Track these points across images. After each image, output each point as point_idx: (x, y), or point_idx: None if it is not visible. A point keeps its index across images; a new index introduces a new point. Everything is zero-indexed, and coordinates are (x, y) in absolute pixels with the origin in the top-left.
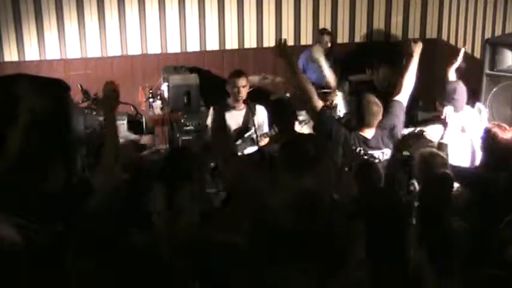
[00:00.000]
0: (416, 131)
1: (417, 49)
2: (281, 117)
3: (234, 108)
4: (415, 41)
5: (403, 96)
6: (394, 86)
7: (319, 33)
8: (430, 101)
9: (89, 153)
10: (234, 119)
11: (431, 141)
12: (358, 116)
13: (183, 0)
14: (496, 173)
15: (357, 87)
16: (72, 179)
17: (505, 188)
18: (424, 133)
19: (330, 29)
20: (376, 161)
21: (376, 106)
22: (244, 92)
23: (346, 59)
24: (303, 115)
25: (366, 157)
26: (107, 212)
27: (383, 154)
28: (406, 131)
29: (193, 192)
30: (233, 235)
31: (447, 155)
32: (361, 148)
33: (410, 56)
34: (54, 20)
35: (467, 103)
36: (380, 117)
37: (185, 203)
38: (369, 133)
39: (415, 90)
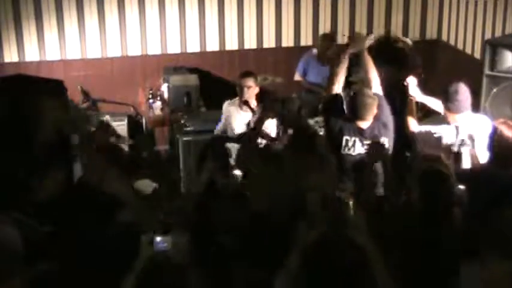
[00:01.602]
0: (424, 131)
1: (361, 43)
2: (286, 117)
3: (241, 109)
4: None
5: (378, 88)
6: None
7: (327, 39)
8: None
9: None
10: (243, 121)
11: (439, 142)
12: (352, 110)
13: (183, 0)
14: (504, 170)
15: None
16: (71, 179)
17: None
18: (435, 134)
19: (330, 30)
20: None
21: (370, 99)
22: (248, 93)
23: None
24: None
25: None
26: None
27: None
28: (416, 131)
29: None
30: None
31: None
32: (356, 139)
33: (361, 52)
34: (54, 21)
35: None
36: (375, 109)
37: None
38: (364, 124)
39: (407, 93)
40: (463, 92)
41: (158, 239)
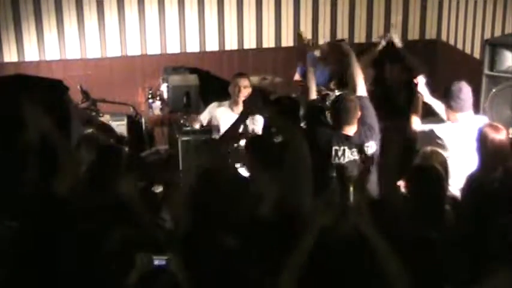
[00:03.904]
0: (426, 131)
1: (346, 47)
2: (280, 116)
3: (232, 110)
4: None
5: (363, 90)
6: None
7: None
8: None
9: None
10: (232, 121)
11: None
12: (336, 116)
13: (182, 0)
14: (490, 173)
15: None
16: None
17: (499, 189)
18: (434, 131)
19: (329, 30)
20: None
21: (352, 102)
22: (244, 93)
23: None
24: None
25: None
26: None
27: (368, 148)
28: (418, 130)
29: None
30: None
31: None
32: (345, 147)
33: (346, 55)
34: (54, 21)
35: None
36: (358, 113)
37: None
38: (350, 130)
39: (415, 91)
40: (466, 92)
41: (156, 257)
